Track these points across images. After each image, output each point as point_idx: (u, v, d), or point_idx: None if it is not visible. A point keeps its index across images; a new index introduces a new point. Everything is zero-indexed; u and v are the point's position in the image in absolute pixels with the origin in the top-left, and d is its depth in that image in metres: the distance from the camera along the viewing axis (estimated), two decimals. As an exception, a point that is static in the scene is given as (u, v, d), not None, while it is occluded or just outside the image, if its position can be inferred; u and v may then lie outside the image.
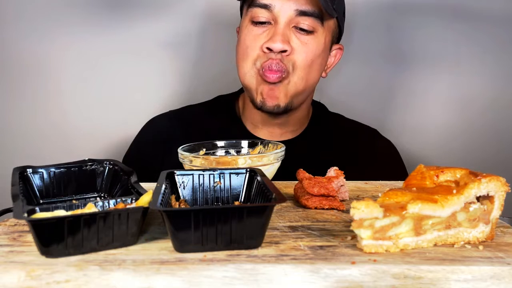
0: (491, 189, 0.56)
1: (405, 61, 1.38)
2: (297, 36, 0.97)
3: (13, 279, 0.48)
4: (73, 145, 1.39)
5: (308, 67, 0.98)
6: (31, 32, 1.36)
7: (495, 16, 1.35)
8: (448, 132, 1.40)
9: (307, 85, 1.01)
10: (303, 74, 0.98)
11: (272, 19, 0.97)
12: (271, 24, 0.98)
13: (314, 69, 1.00)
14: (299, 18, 0.96)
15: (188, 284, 0.49)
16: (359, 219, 0.52)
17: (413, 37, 1.37)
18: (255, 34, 0.98)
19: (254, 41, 0.98)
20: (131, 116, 1.38)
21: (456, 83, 1.38)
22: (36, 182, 0.69)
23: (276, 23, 0.97)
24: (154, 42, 1.38)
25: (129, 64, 1.39)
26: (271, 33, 0.96)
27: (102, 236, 0.52)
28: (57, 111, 1.39)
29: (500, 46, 1.36)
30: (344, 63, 1.35)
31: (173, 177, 0.65)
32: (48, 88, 1.39)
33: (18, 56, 1.37)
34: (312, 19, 0.96)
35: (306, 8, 0.95)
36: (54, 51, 1.37)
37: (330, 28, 1.01)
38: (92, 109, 1.40)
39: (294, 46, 0.96)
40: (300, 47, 0.97)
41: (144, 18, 1.36)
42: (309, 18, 0.96)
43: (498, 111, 1.39)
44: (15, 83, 1.38)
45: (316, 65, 1.00)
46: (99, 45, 1.37)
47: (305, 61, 0.97)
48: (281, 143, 0.84)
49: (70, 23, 1.36)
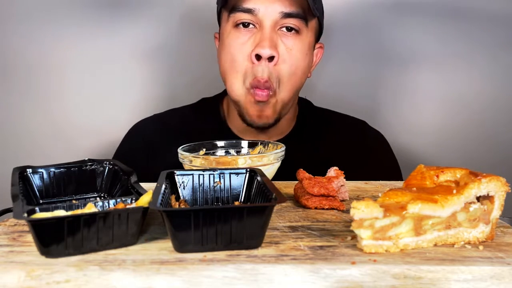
0: (491, 189, 0.56)
1: (402, 60, 1.38)
2: (283, 40, 0.96)
3: (13, 279, 0.48)
4: (73, 145, 1.39)
5: (293, 76, 0.98)
6: (32, 32, 1.36)
7: (493, 15, 1.35)
8: (448, 132, 1.40)
9: (294, 93, 1.01)
10: (289, 86, 0.98)
11: (256, 23, 0.96)
12: (255, 28, 0.96)
13: (299, 76, 1.00)
14: (284, 20, 0.95)
15: (188, 284, 0.49)
16: (359, 219, 0.52)
17: (409, 36, 1.37)
18: (241, 42, 0.97)
19: (241, 49, 0.97)
20: (131, 116, 1.38)
21: (456, 83, 1.38)
22: (36, 182, 0.69)
23: (261, 27, 0.95)
24: (154, 41, 1.38)
25: (129, 64, 1.39)
26: (258, 38, 0.95)
27: (102, 236, 0.52)
28: (57, 111, 1.39)
29: (499, 45, 1.36)
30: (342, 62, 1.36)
31: (173, 177, 0.65)
32: (48, 88, 1.39)
33: (18, 56, 1.37)
34: (297, 20, 0.96)
35: (291, 9, 0.95)
36: (55, 52, 1.37)
37: (313, 28, 1.01)
38: (92, 109, 1.40)
39: (281, 52, 0.96)
40: (285, 55, 0.96)
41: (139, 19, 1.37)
42: (294, 19, 0.96)
43: (498, 111, 1.39)
44: (15, 83, 1.38)
45: (301, 70, 0.99)
46: (99, 46, 1.37)
47: (290, 71, 0.97)
48: (281, 143, 0.84)
49: (70, 24, 1.36)
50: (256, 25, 0.96)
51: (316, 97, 1.21)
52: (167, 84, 1.41)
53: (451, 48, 1.37)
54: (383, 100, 1.40)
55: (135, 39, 1.38)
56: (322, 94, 1.35)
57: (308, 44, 1.00)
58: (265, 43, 0.93)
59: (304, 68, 1.00)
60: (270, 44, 0.94)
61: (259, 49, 0.94)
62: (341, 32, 1.37)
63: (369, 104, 1.40)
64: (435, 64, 1.38)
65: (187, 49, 1.39)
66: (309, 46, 1.01)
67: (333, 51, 1.36)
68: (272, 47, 0.94)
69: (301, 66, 0.99)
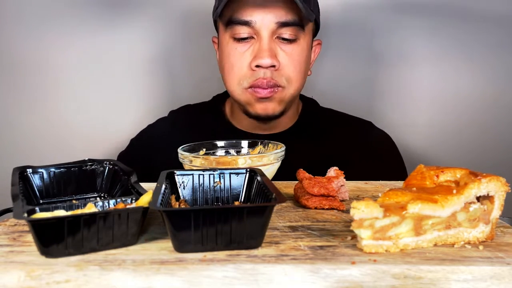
0: (491, 189, 0.56)
1: (403, 60, 1.38)
2: (282, 47, 0.98)
3: (13, 279, 0.48)
4: (73, 145, 1.39)
5: (300, 75, 1.00)
6: (31, 33, 1.36)
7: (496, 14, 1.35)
8: (448, 132, 1.40)
9: (300, 89, 1.04)
10: (297, 84, 1.01)
11: (254, 34, 0.97)
12: (253, 38, 0.97)
13: (303, 74, 1.02)
14: (281, 29, 0.96)
15: (188, 284, 0.49)
16: (359, 219, 0.52)
17: (411, 35, 1.37)
18: (240, 52, 0.98)
19: (240, 60, 0.98)
20: (131, 117, 1.39)
21: (456, 83, 1.38)
22: (36, 182, 0.69)
23: (259, 38, 0.96)
24: (153, 42, 1.38)
25: (128, 65, 1.39)
26: (256, 48, 0.96)
27: (102, 236, 0.52)
28: (57, 111, 1.39)
29: (501, 45, 1.36)
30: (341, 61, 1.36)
31: (173, 177, 0.65)
32: (48, 88, 1.39)
33: (17, 56, 1.37)
34: (294, 27, 0.96)
35: (287, 18, 0.95)
36: (54, 52, 1.37)
37: (310, 30, 1.02)
38: (93, 109, 1.40)
39: (281, 60, 0.97)
40: (287, 60, 0.98)
41: (139, 20, 1.37)
42: (291, 27, 0.96)
43: (498, 111, 1.39)
44: (15, 83, 1.38)
45: (304, 70, 1.02)
46: (98, 46, 1.37)
47: (296, 72, 0.99)
48: (281, 143, 0.84)
49: (70, 24, 1.36)
50: (254, 35, 0.97)
51: (315, 96, 1.21)
52: (168, 85, 1.41)
53: (453, 48, 1.36)
54: (383, 100, 1.40)
55: (135, 39, 1.38)
56: (322, 93, 1.35)
57: (307, 46, 1.02)
58: (264, 54, 0.95)
59: (306, 67, 1.03)
60: (270, 54, 0.95)
61: (259, 60, 0.95)
62: (339, 31, 1.37)
63: (369, 104, 1.40)
64: (435, 63, 1.38)
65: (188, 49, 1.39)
66: (307, 47, 1.02)
67: (332, 50, 1.37)
68: (271, 57, 0.95)
69: (304, 66, 1.01)
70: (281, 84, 0.98)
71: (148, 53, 1.39)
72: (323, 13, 1.09)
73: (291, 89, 1.00)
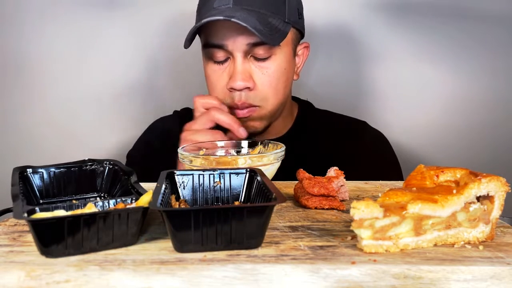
0: (491, 189, 0.56)
1: (402, 60, 1.38)
2: (257, 65, 0.98)
3: (13, 279, 0.48)
4: (73, 145, 1.39)
5: (276, 91, 1.00)
6: (30, 32, 1.36)
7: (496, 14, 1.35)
8: (448, 132, 1.40)
9: (281, 101, 1.03)
10: (275, 100, 1.00)
11: (229, 55, 0.98)
12: (230, 58, 0.98)
13: (283, 86, 1.01)
14: (253, 49, 0.96)
15: (188, 284, 0.49)
16: (359, 219, 0.52)
17: (408, 35, 1.37)
18: (218, 73, 1.00)
19: (218, 81, 1.00)
20: (131, 116, 1.39)
21: (456, 83, 1.38)
22: (36, 182, 0.69)
23: (233, 59, 0.97)
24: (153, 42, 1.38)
25: (129, 64, 1.39)
26: (231, 70, 0.97)
27: (102, 236, 0.52)
28: (57, 111, 1.39)
29: (501, 45, 1.36)
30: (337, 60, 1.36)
31: (173, 177, 0.65)
32: (48, 88, 1.39)
33: (17, 56, 1.37)
34: (266, 46, 0.96)
35: (257, 39, 0.94)
36: (54, 52, 1.37)
37: (288, 41, 1.01)
38: (93, 109, 1.40)
39: (256, 79, 0.98)
40: (263, 79, 0.98)
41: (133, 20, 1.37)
42: (263, 46, 0.96)
43: (498, 111, 1.39)
44: (15, 83, 1.38)
45: (282, 81, 1.01)
46: (98, 46, 1.37)
47: (272, 88, 0.99)
48: (281, 143, 0.84)
49: (69, 23, 1.36)
50: (230, 56, 0.98)
51: (308, 99, 1.20)
52: (169, 85, 1.41)
53: (452, 48, 1.36)
54: (383, 100, 1.40)
55: (135, 39, 1.38)
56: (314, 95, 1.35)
57: (286, 58, 1.01)
58: (237, 77, 0.96)
59: (286, 79, 1.02)
60: (243, 77, 0.96)
61: (232, 83, 0.96)
62: (327, 33, 1.37)
63: (368, 104, 1.40)
64: (434, 63, 1.38)
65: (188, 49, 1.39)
66: (287, 59, 1.01)
67: (322, 51, 1.36)
68: (245, 79, 0.96)
69: (282, 79, 1.01)
70: (256, 104, 0.99)
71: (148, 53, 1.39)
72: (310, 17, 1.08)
73: (269, 107, 1.00)
